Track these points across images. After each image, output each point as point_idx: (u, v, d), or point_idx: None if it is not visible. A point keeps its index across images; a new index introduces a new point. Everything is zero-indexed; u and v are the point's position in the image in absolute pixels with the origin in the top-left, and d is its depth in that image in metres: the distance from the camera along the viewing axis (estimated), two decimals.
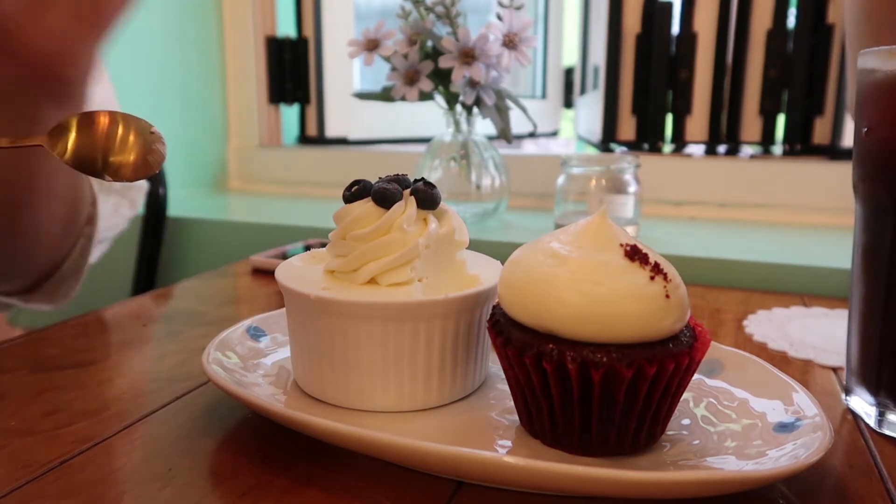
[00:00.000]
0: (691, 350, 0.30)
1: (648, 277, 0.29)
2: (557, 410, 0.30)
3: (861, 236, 0.36)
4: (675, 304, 0.29)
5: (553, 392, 0.29)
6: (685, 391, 0.32)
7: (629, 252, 0.29)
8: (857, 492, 0.30)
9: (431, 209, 0.35)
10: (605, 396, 0.29)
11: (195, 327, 0.50)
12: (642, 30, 0.96)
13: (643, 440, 0.31)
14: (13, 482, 0.30)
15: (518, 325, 0.31)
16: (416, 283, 0.34)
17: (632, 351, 0.28)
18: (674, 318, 0.29)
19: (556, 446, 0.31)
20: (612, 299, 0.28)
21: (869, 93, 0.34)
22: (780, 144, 0.93)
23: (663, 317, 0.29)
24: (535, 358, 0.29)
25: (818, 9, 0.87)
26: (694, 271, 0.65)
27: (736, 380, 0.36)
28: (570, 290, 0.28)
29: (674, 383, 0.30)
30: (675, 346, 0.29)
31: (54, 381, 0.40)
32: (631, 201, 0.74)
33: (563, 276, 0.29)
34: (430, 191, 0.35)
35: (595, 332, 0.28)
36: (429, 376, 0.34)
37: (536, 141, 1.66)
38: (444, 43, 0.70)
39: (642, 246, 0.30)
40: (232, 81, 1.14)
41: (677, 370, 0.29)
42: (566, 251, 0.30)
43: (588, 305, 0.28)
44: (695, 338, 0.31)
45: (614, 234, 0.30)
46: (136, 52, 0.95)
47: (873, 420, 0.36)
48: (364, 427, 0.29)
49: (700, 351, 0.30)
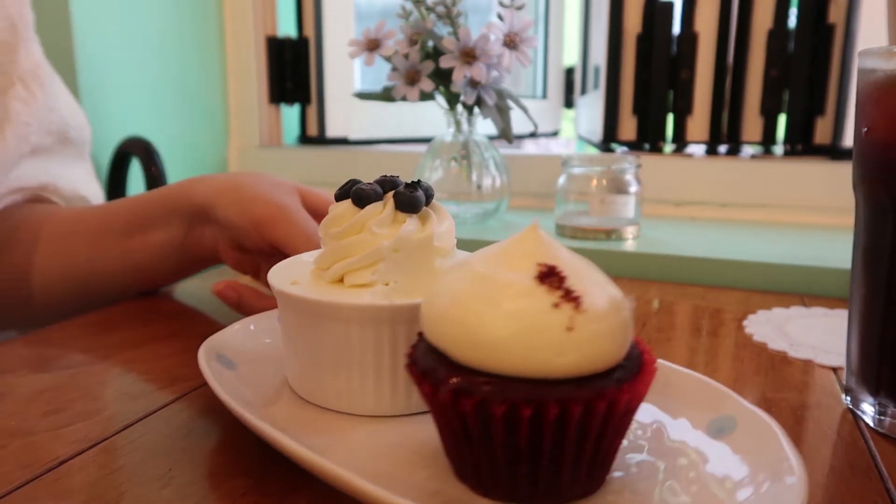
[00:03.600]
0: (610, 392, 0.25)
1: (551, 304, 0.24)
2: (448, 442, 0.28)
3: (861, 236, 0.36)
4: (583, 339, 0.24)
5: (436, 421, 0.27)
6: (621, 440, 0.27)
7: (543, 273, 0.25)
8: (857, 492, 0.30)
9: (412, 212, 0.34)
10: (483, 433, 0.25)
11: (195, 327, 0.50)
12: (643, 30, 0.96)
13: (543, 489, 0.26)
14: (13, 482, 0.30)
15: (432, 349, 0.27)
16: (379, 286, 0.33)
17: (514, 386, 0.24)
18: (578, 355, 0.24)
19: (460, 480, 0.28)
20: (495, 324, 0.24)
21: (869, 93, 0.34)
22: (781, 144, 0.93)
23: (559, 352, 0.24)
24: (425, 383, 0.26)
25: (819, 9, 0.87)
26: (694, 271, 0.65)
27: (744, 448, 0.29)
28: (465, 310, 0.25)
29: (591, 429, 0.25)
30: (586, 386, 0.24)
31: (54, 381, 0.40)
32: (632, 201, 0.74)
33: (464, 295, 0.26)
34: (411, 193, 0.34)
35: (481, 359, 0.25)
36: (379, 382, 0.33)
37: (537, 141, 1.66)
38: (444, 43, 0.70)
39: (568, 267, 0.25)
40: (232, 81, 1.14)
41: (590, 414, 0.25)
42: (481, 268, 0.26)
43: (476, 329, 0.25)
44: (629, 377, 0.26)
45: (537, 250, 0.26)
46: (136, 52, 0.95)
47: (873, 420, 0.36)
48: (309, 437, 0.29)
49: (629, 393, 0.25)
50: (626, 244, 0.71)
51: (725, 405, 0.31)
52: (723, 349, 0.47)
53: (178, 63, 1.04)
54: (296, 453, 0.27)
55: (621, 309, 0.25)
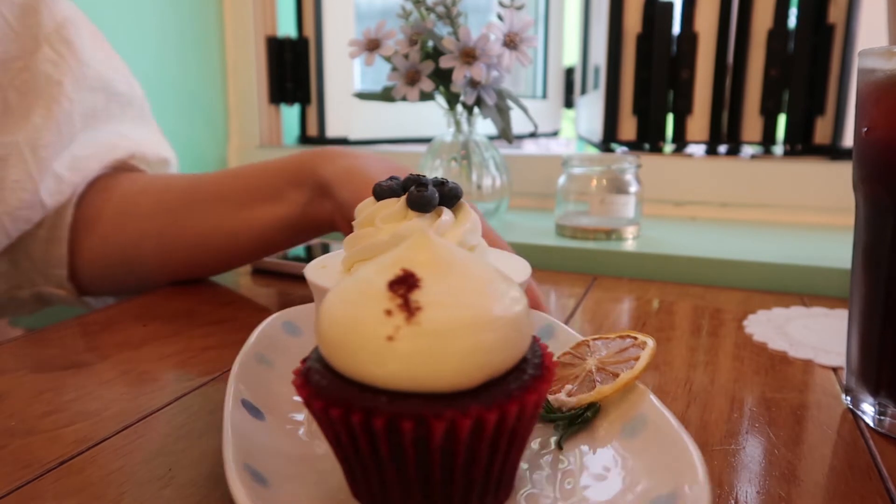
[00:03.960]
0: (449, 413, 0.22)
1: (384, 311, 0.23)
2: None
3: (861, 236, 0.36)
4: (406, 352, 0.22)
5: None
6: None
7: (397, 279, 0.23)
8: (857, 492, 0.30)
9: (422, 211, 0.34)
10: (330, 435, 0.25)
11: (195, 327, 0.50)
12: (643, 30, 0.96)
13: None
14: (13, 482, 0.30)
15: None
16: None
17: (350, 394, 0.23)
18: (399, 366, 0.22)
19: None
20: (332, 328, 0.24)
21: (869, 93, 0.34)
22: (781, 144, 0.93)
23: (378, 362, 0.22)
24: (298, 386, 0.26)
25: (819, 9, 0.87)
26: (694, 271, 0.65)
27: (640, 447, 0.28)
28: (322, 312, 0.25)
29: (459, 451, 0.23)
30: (436, 403, 0.22)
31: (54, 381, 0.40)
32: (632, 201, 0.74)
33: (331, 297, 0.25)
34: (421, 192, 0.33)
35: (336, 365, 0.24)
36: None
37: (537, 141, 1.66)
38: (444, 43, 0.70)
39: (438, 276, 0.24)
40: (232, 81, 1.14)
41: (452, 433, 0.22)
42: (363, 272, 0.25)
43: (322, 331, 0.24)
44: (511, 395, 0.23)
45: (410, 255, 0.24)
46: (136, 52, 0.95)
47: (873, 420, 0.36)
48: None
49: (469, 419, 0.22)
50: (626, 244, 0.71)
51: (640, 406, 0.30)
52: (723, 349, 0.47)
53: (178, 63, 1.04)
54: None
55: (478, 332, 0.23)
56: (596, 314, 0.55)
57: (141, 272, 0.59)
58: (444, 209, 0.34)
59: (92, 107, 0.59)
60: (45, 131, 0.55)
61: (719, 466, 0.31)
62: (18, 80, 0.55)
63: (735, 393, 0.39)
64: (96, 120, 0.60)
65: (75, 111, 0.57)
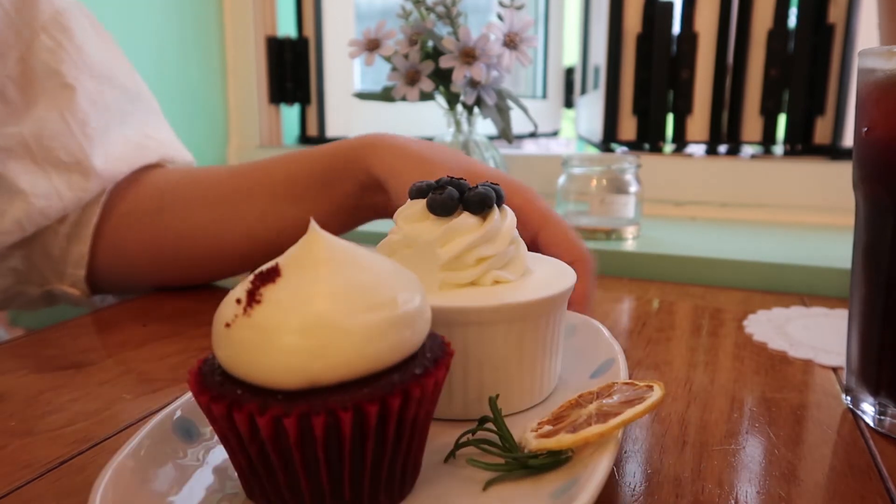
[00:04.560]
0: (275, 408, 0.23)
1: (235, 299, 0.24)
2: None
3: (861, 236, 0.36)
4: (237, 340, 0.23)
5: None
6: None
7: (263, 271, 0.25)
8: (858, 492, 0.30)
9: (440, 214, 0.33)
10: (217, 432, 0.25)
11: (195, 327, 0.50)
12: (643, 30, 0.96)
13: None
14: (13, 482, 0.30)
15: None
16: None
17: (230, 390, 0.24)
18: (230, 352, 0.24)
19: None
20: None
21: (869, 92, 0.34)
22: (781, 144, 0.93)
23: (218, 345, 0.24)
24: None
25: (819, 9, 0.87)
26: (694, 271, 0.65)
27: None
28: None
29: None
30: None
31: (54, 381, 0.40)
32: (632, 201, 0.74)
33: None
34: (437, 195, 0.33)
35: None
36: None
37: (537, 141, 1.66)
38: (444, 43, 0.70)
39: (300, 272, 0.24)
40: (232, 81, 1.14)
41: (281, 430, 0.23)
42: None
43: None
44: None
45: (295, 251, 0.25)
46: (136, 52, 0.95)
47: (873, 420, 0.36)
48: None
49: (281, 412, 0.22)
50: (626, 244, 0.71)
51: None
52: (723, 349, 0.47)
53: (178, 63, 1.04)
54: None
55: (310, 336, 0.23)
56: (596, 314, 0.55)
57: (173, 272, 0.58)
58: (467, 214, 0.33)
59: (100, 98, 0.57)
60: (49, 122, 0.53)
61: (719, 466, 0.31)
62: (15, 70, 0.53)
63: (735, 393, 0.39)
64: (109, 112, 0.58)
65: (81, 100, 0.55)
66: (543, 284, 0.34)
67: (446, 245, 0.32)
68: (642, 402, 0.27)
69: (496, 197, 0.33)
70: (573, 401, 0.30)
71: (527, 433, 0.28)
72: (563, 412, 0.30)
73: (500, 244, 0.33)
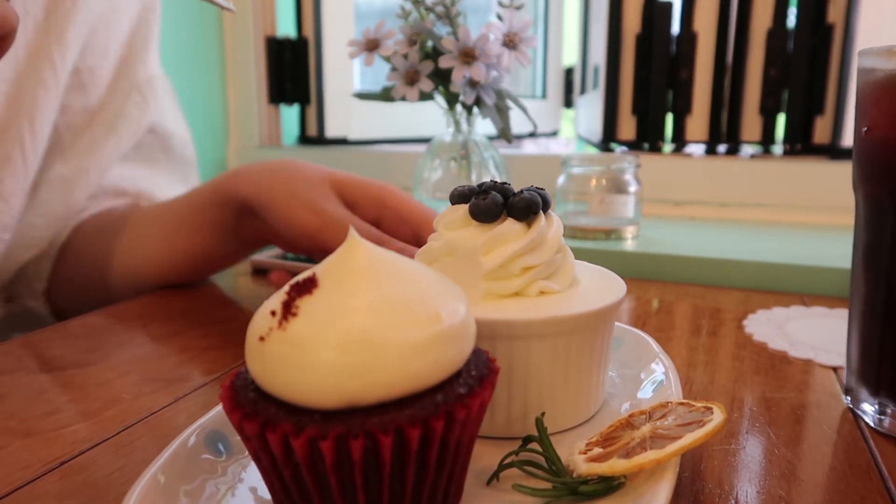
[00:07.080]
0: (311, 429, 0.21)
1: (270, 311, 0.23)
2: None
3: (861, 236, 0.36)
4: (272, 354, 0.22)
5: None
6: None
7: (300, 282, 0.23)
8: (858, 492, 0.30)
9: (483, 221, 0.31)
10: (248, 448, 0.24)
11: (195, 327, 0.50)
12: (642, 30, 0.96)
13: None
14: (13, 482, 0.30)
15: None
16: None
17: (265, 407, 0.23)
18: (263, 367, 0.22)
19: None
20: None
21: (869, 92, 0.34)
22: (781, 144, 0.93)
23: (252, 358, 0.23)
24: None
25: (818, 8, 0.87)
26: (693, 271, 0.65)
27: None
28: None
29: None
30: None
31: (54, 381, 0.40)
32: (631, 201, 0.74)
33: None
34: (481, 200, 0.31)
35: None
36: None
37: (536, 141, 1.66)
38: (444, 43, 0.70)
39: (337, 283, 0.23)
40: (232, 81, 1.14)
41: (318, 450, 0.21)
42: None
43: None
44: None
45: (333, 261, 0.24)
46: None
47: (873, 420, 0.36)
48: None
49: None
50: (626, 244, 0.71)
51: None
52: (723, 349, 0.47)
53: (177, 63, 1.04)
54: None
55: (348, 353, 0.21)
56: None
57: (108, 288, 0.61)
58: (511, 220, 0.31)
59: (139, 144, 0.66)
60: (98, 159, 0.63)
61: (719, 466, 0.31)
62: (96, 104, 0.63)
63: (735, 393, 0.39)
64: (138, 161, 0.66)
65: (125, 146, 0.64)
66: (593, 296, 0.32)
67: (490, 253, 0.31)
68: (702, 427, 0.25)
69: (542, 202, 0.32)
70: (623, 420, 0.28)
71: (575, 455, 0.26)
72: (613, 433, 0.28)
73: (546, 252, 0.31)
